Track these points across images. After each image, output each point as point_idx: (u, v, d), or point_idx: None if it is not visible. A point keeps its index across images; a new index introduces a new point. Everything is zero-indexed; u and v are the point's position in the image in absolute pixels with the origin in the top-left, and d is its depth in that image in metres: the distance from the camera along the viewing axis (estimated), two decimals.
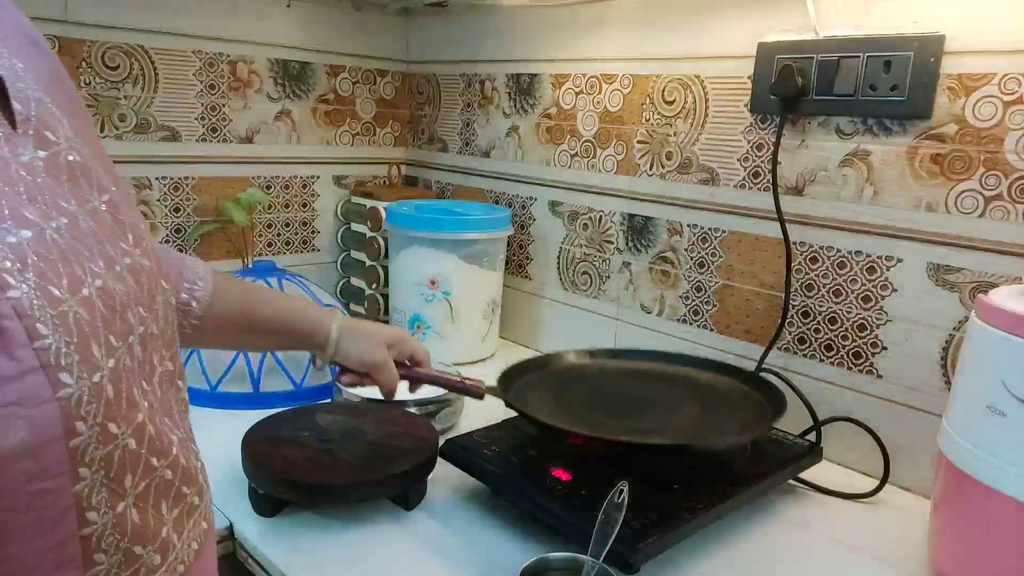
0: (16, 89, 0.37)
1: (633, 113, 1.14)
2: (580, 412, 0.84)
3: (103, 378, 0.34)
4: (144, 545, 0.37)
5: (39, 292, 0.32)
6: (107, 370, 0.34)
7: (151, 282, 0.41)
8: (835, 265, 0.94)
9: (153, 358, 0.40)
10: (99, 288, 0.35)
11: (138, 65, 1.21)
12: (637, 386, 0.94)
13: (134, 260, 0.40)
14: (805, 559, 0.75)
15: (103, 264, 0.36)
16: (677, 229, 1.11)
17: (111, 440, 0.34)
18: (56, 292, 0.32)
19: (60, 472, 0.32)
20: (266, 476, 0.76)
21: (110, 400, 0.34)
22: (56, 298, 0.32)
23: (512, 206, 1.37)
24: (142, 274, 0.40)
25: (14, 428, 0.30)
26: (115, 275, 0.37)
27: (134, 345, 0.37)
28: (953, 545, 0.69)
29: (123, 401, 0.35)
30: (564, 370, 0.98)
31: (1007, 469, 0.61)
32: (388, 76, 1.53)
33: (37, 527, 0.32)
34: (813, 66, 0.91)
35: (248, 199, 1.30)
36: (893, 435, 0.89)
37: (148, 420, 0.38)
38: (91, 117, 0.50)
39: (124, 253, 0.39)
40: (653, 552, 0.67)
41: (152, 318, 0.40)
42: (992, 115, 0.79)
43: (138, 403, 0.37)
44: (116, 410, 0.35)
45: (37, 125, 0.37)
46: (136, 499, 0.37)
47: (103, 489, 0.34)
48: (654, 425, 0.81)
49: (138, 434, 0.36)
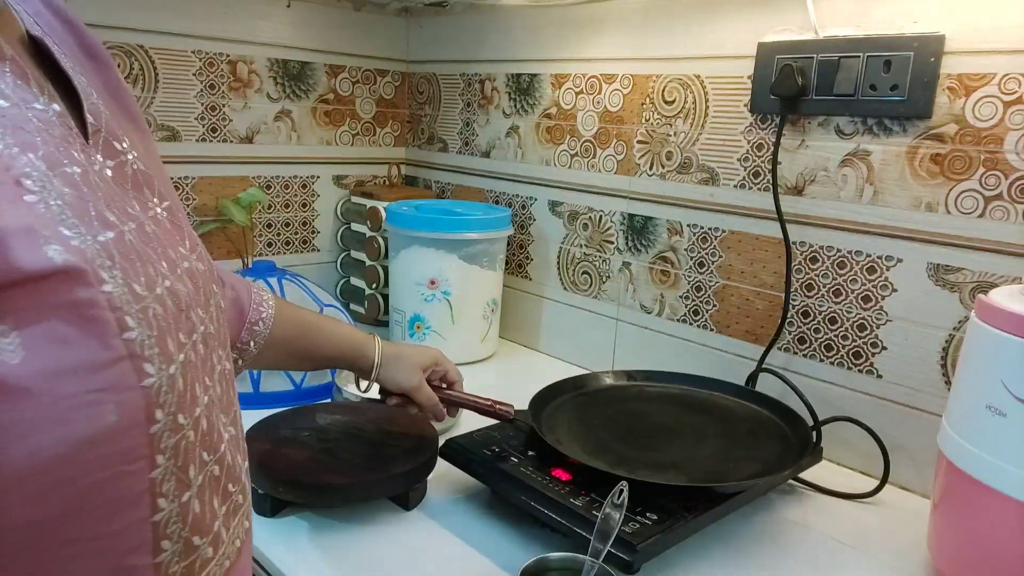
0: (90, 103, 0.40)
1: (633, 113, 1.14)
2: (604, 440, 0.84)
3: (176, 371, 0.36)
4: (201, 536, 0.39)
5: (126, 288, 0.34)
6: (178, 363, 0.37)
7: (206, 285, 0.43)
8: (835, 265, 0.94)
9: (213, 356, 0.42)
10: (167, 288, 0.38)
11: (138, 65, 1.21)
12: (666, 413, 0.93)
13: (191, 264, 0.43)
14: (805, 559, 0.75)
15: (167, 266, 0.39)
16: (677, 229, 1.11)
17: (179, 431, 0.37)
18: (138, 288, 0.35)
19: (140, 456, 0.34)
20: (266, 476, 0.76)
21: (181, 392, 0.37)
22: (138, 294, 0.35)
23: (512, 206, 1.37)
24: (198, 277, 0.43)
25: (105, 412, 0.32)
26: (177, 276, 0.39)
27: (197, 343, 0.40)
28: (953, 545, 0.69)
29: (188, 394, 0.38)
30: (597, 393, 0.98)
31: (1007, 469, 0.61)
32: (388, 76, 1.53)
33: (115, 508, 0.34)
34: (813, 66, 0.91)
35: (248, 199, 1.30)
36: (893, 435, 0.89)
37: (204, 415, 0.40)
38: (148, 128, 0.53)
39: (183, 257, 0.42)
40: (653, 552, 0.67)
41: (209, 319, 0.42)
42: (992, 115, 0.79)
43: (199, 398, 0.39)
44: (183, 402, 0.37)
45: (106, 136, 0.40)
46: (199, 490, 0.39)
47: (172, 478, 0.37)
48: (674, 459, 0.81)
49: (196, 427, 0.39)
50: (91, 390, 0.32)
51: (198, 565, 0.39)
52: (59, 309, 0.31)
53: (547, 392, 0.93)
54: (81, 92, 0.40)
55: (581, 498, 0.72)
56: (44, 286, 0.31)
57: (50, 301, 0.31)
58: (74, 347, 0.31)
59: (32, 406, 0.30)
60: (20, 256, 0.30)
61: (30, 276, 0.30)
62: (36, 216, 0.31)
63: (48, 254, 0.31)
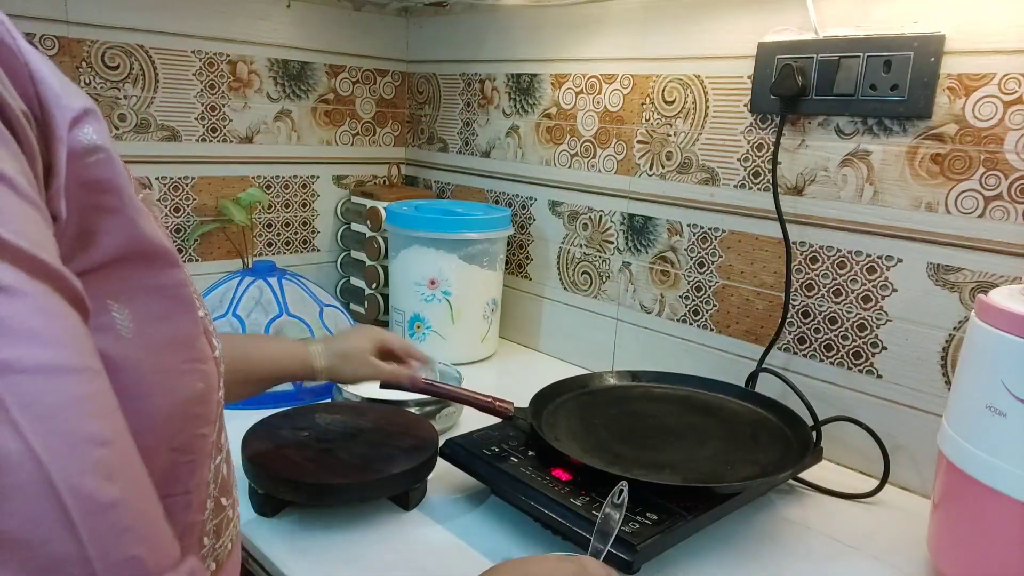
0: None
1: (633, 113, 1.14)
2: (604, 440, 0.84)
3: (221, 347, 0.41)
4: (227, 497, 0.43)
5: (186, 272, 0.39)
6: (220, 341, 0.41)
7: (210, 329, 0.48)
8: (835, 265, 0.94)
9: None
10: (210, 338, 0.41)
11: (138, 65, 1.21)
12: (667, 414, 0.93)
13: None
14: (805, 559, 0.75)
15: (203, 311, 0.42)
16: (677, 229, 1.11)
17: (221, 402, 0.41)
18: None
19: (213, 419, 0.38)
20: (266, 476, 0.76)
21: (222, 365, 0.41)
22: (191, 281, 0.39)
23: (512, 206, 1.37)
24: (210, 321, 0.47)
25: (195, 379, 0.37)
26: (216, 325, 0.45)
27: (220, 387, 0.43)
28: (953, 545, 0.69)
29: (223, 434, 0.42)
30: (597, 393, 0.98)
31: (1007, 469, 0.61)
32: (388, 76, 1.53)
33: (194, 467, 0.37)
34: (813, 66, 0.91)
35: (248, 199, 1.30)
36: (893, 435, 0.89)
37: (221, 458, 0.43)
38: None
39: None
40: (653, 552, 0.67)
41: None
42: (992, 115, 0.79)
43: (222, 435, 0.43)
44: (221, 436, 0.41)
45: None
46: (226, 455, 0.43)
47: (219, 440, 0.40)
48: (674, 459, 0.80)
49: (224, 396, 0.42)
50: (186, 360, 0.36)
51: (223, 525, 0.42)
52: (159, 289, 0.35)
53: (547, 391, 0.93)
54: None
55: (581, 498, 0.72)
56: (150, 266, 0.35)
57: (151, 282, 0.35)
58: (172, 322, 0.36)
59: (139, 375, 0.33)
60: (146, 231, 0.34)
61: (146, 251, 0.34)
62: (144, 207, 0.36)
63: (159, 237, 0.35)
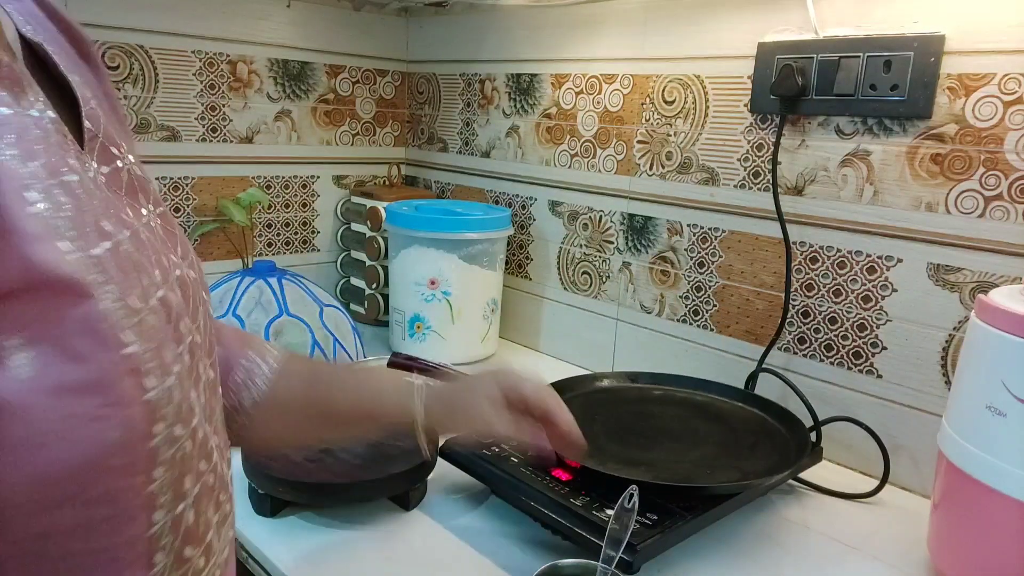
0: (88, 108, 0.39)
1: (633, 113, 1.14)
2: (603, 441, 0.84)
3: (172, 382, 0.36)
4: (194, 547, 0.39)
5: (123, 301, 0.34)
6: (174, 375, 0.36)
7: (196, 293, 0.43)
8: (835, 265, 0.94)
9: (199, 366, 0.41)
10: (160, 298, 0.37)
11: (138, 65, 1.21)
12: (668, 415, 0.93)
13: (183, 271, 0.41)
14: (805, 559, 0.75)
15: (160, 275, 0.38)
16: (677, 229, 1.11)
17: (176, 442, 0.36)
18: (134, 301, 0.34)
19: (140, 471, 0.34)
20: (266, 476, 0.76)
21: (178, 403, 0.36)
22: (134, 308, 0.34)
23: (512, 206, 1.37)
24: (188, 286, 0.42)
25: (110, 427, 0.32)
26: (169, 286, 0.39)
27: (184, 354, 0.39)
28: (953, 545, 0.69)
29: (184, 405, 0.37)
30: (597, 393, 0.98)
31: (1007, 469, 0.61)
32: (388, 76, 1.53)
33: (115, 523, 0.34)
34: (813, 66, 0.91)
35: (248, 199, 1.30)
36: (893, 435, 0.89)
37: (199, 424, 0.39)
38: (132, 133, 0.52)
39: (175, 264, 0.41)
40: (653, 552, 0.67)
41: (196, 328, 0.41)
42: (992, 115, 0.79)
43: (194, 407, 0.38)
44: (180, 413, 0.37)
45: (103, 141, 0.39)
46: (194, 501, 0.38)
47: (169, 490, 0.36)
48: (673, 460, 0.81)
49: (193, 437, 0.38)
50: (96, 406, 0.32)
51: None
52: (66, 324, 0.31)
53: None
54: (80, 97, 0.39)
55: (581, 498, 0.72)
56: (54, 298, 0.30)
57: (57, 316, 0.31)
58: (81, 364, 0.31)
59: (39, 422, 0.30)
60: (41, 258, 0.30)
61: (46, 281, 0.30)
62: (44, 227, 0.31)
63: (60, 265, 0.31)
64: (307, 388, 0.63)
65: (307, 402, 0.62)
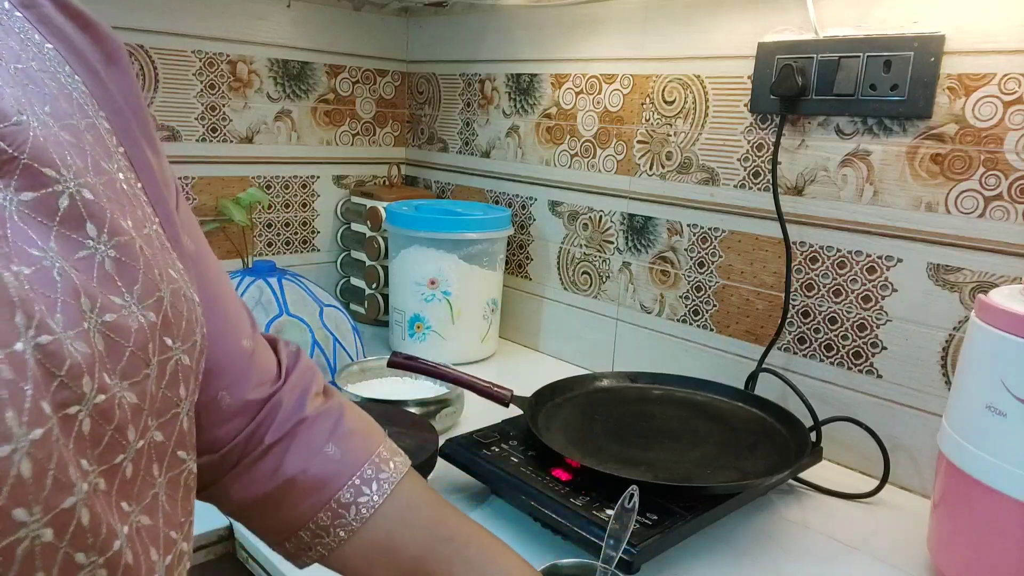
0: (10, 123, 0.33)
1: (633, 113, 1.14)
2: (596, 439, 0.84)
3: (14, 452, 0.28)
4: None
5: None
6: (26, 442, 0.28)
7: (142, 342, 0.35)
8: (835, 265, 0.94)
9: (123, 433, 0.34)
10: (40, 344, 0.30)
11: (138, 65, 1.21)
12: (668, 415, 0.93)
13: (125, 317, 0.34)
14: (805, 559, 0.75)
15: (64, 319, 0.31)
16: (677, 229, 1.11)
17: (14, 528, 0.28)
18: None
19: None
20: None
21: (23, 479, 0.28)
22: None
23: (512, 206, 1.37)
24: (129, 335, 0.34)
25: None
26: (80, 333, 0.32)
27: (80, 417, 0.31)
28: (953, 545, 0.69)
29: (46, 480, 0.29)
30: (597, 393, 0.98)
31: (1007, 469, 0.61)
32: (388, 76, 1.53)
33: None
34: (813, 66, 0.91)
35: (248, 199, 1.30)
36: (893, 435, 0.89)
37: (83, 505, 0.31)
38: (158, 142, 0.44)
39: (111, 308, 0.34)
40: (653, 552, 0.67)
41: (130, 386, 0.34)
42: (992, 115, 0.79)
43: (73, 485, 0.30)
44: (29, 491, 0.29)
45: (28, 162, 0.33)
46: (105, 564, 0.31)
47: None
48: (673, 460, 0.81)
49: (57, 523, 0.30)
50: None
51: None
52: None
53: (546, 391, 0.93)
54: (6, 111, 0.33)
55: (581, 498, 0.72)
56: None
57: None
58: None
59: None
60: None
61: None
62: None
63: None
64: (424, 551, 0.49)
65: (414, 568, 0.48)
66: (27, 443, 0.28)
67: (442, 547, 0.49)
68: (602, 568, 0.61)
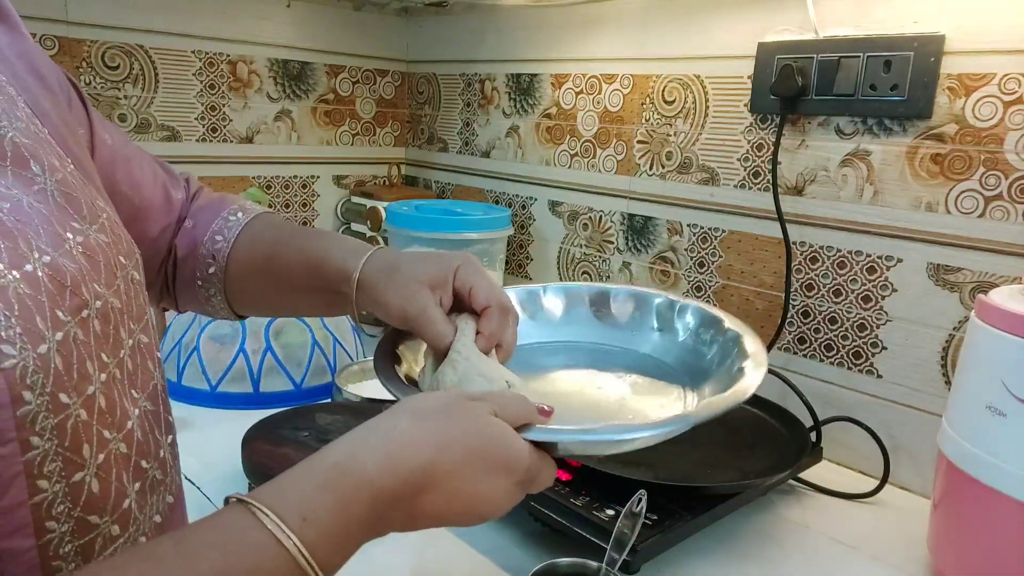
0: None
1: (633, 113, 1.14)
2: None
3: (50, 350, 0.35)
4: (101, 515, 0.38)
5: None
6: (53, 342, 0.35)
7: (110, 258, 0.42)
8: (835, 265, 0.94)
9: (120, 332, 0.41)
10: (46, 263, 0.36)
11: (138, 65, 1.21)
12: None
13: (90, 237, 0.40)
14: (805, 559, 0.75)
15: (50, 242, 0.37)
16: (677, 229, 1.11)
17: (62, 410, 0.35)
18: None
19: (8, 439, 0.33)
20: (266, 476, 0.75)
21: (59, 371, 0.35)
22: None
23: (512, 206, 1.37)
24: (98, 251, 0.41)
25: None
26: (65, 252, 0.38)
27: (90, 319, 0.38)
28: (953, 545, 0.69)
29: (74, 372, 0.36)
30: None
31: (1007, 469, 0.61)
32: (388, 76, 1.53)
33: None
34: (813, 66, 0.91)
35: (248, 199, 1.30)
36: (893, 435, 0.89)
37: (101, 392, 0.38)
38: (58, 89, 0.49)
39: (76, 231, 0.40)
40: (653, 552, 0.67)
41: (113, 292, 0.41)
42: (992, 115, 0.79)
43: (91, 375, 0.38)
44: (65, 381, 0.36)
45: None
46: (98, 469, 0.38)
47: (58, 458, 0.35)
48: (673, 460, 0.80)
49: (88, 406, 0.37)
50: None
51: (99, 544, 0.38)
52: None
53: None
54: None
55: (581, 498, 0.72)
56: None
57: None
58: None
59: None
60: None
61: None
62: None
63: None
64: (270, 250, 0.61)
65: (266, 263, 0.61)
66: (55, 343, 0.35)
67: (279, 247, 0.62)
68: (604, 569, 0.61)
